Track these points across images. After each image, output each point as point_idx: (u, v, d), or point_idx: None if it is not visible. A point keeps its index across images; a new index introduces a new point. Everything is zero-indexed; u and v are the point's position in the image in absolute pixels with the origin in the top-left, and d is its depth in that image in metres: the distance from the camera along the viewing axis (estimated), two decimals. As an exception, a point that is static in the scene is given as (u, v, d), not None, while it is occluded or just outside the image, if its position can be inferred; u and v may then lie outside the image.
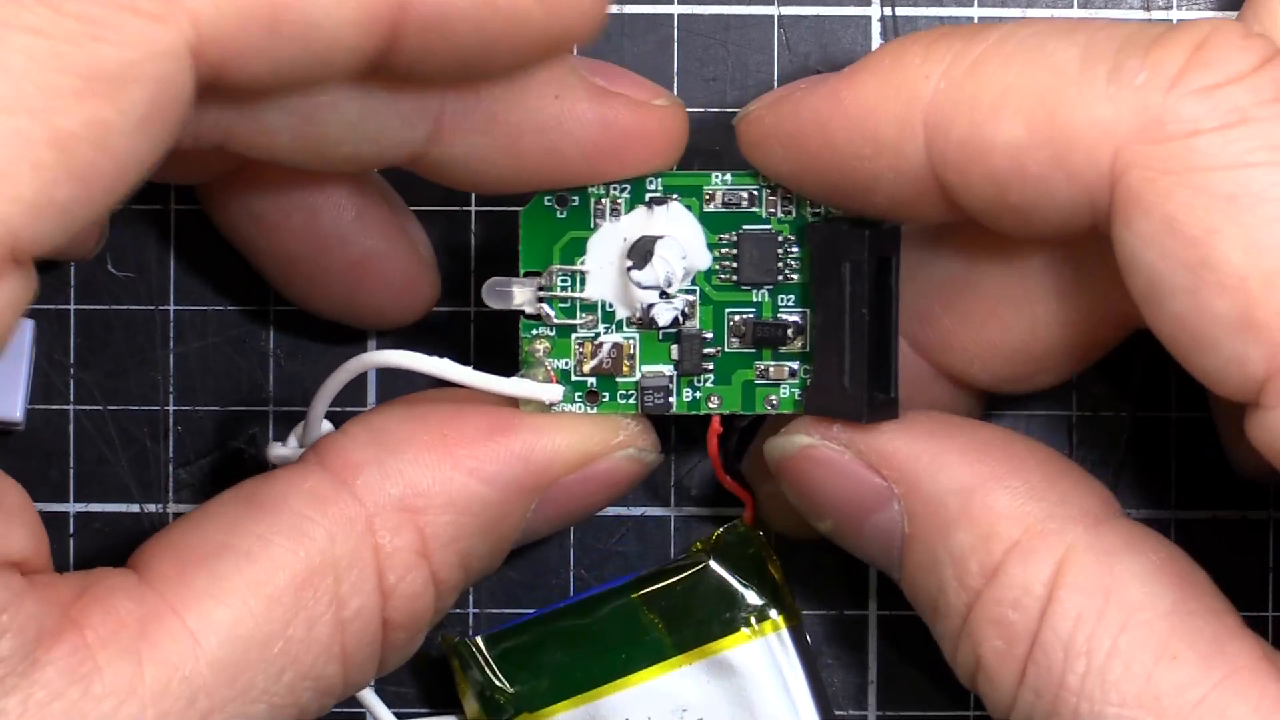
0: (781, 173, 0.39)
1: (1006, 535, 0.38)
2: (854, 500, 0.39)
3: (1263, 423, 0.35)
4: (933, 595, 0.39)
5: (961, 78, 0.37)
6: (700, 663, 0.42)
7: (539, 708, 0.42)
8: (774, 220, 0.40)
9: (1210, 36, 0.35)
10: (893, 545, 0.39)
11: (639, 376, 0.40)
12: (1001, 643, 0.37)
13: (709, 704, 0.42)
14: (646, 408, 0.40)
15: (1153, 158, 0.35)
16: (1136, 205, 0.35)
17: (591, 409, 0.40)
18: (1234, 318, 0.34)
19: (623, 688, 0.42)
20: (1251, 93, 0.34)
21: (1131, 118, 0.35)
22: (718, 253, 0.40)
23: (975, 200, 0.37)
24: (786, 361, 0.40)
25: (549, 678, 0.42)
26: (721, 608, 0.42)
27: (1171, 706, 0.36)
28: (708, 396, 0.41)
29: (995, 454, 0.38)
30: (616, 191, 0.40)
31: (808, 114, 0.38)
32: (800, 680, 0.42)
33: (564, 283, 0.40)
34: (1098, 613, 0.37)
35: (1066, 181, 0.36)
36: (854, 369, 0.39)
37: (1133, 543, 0.38)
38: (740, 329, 0.40)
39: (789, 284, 0.40)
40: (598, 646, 0.42)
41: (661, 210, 0.40)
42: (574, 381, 0.40)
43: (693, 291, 0.40)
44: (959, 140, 0.36)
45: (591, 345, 0.40)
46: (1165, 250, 0.35)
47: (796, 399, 0.40)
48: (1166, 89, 0.35)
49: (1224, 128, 0.34)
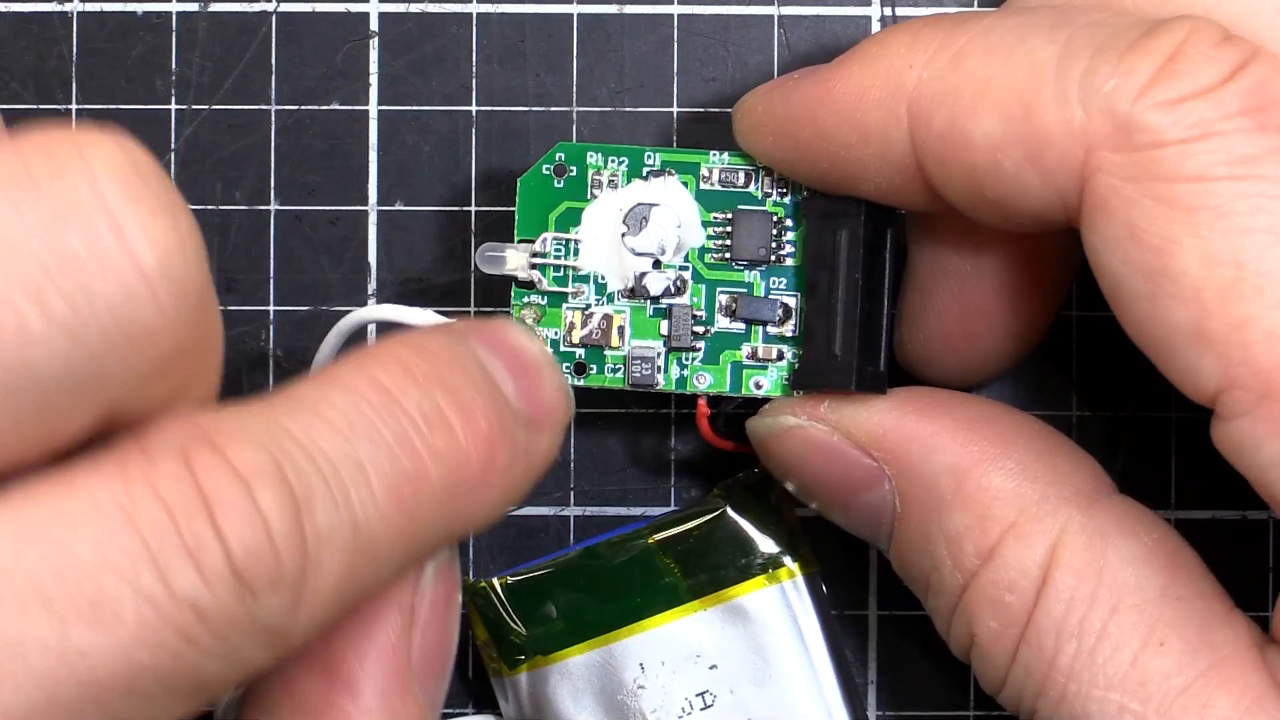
0: (773, 159, 0.40)
1: (1002, 517, 0.38)
2: (843, 481, 0.40)
3: (1221, 433, 0.35)
4: (925, 572, 0.39)
5: (943, 69, 0.37)
6: (715, 608, 0.42)
7: (553, 650, 0.42)
8: (769, 202, 0.41)
9: (1184, 44, 0.35)
10: (881, 522, 0.39)
11: (627, 350, 0.41)
12: (996, 623, 0.38)
13: (723, 650, 0.42)
14: (634, 380, 0.40)
15: (1119, 165, 0.35)
16: (1102, 210, 0.35)
17: (579, 380, 0.41)
18: (1189, 328, 0.35)
19: (637, 632, 0.42)
20: (1216, 107, 0.35)
21: (1100, 123, 0.35)
22: (711, 231, 0.41)
23: (954, 191, 0.37)
24: (775, 344, 0.41)
25: (563, 620, 0.43)
26: (737, 554, 0.43)
27: (1156, 693, 0.36)
28: (695, 375, 0.41)
29: (987, 432, 0.39)
30: (615, 164, 0.40)
31: (798, 102, 0.39)
32: (815, 628, 0.42)
33: (558, 251, 0.41)
34: (1089, 595, 0.37)
35: (1039, 179, 0.36)
36: (845, 336, 0.39)
37: (1125, 523, 0.38)
38: (730, 307, 0.41)
39: (781, 266, 0.40)
40: (613, 590, 0.43)
41: (659, 184, 0.40)
42: (563, 352, 0.41)
43: (686, 268, 0.41)
44: (939, 132, 0.37)
45: (582, 315, 0.41)
46: (1127, 256, 0.35)
47: (784, 383, 0.40)
48: (1134, 98, 0.35)
49: (1187, 141, 0.35)
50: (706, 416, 0.41)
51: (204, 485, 0.30)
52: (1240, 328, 0.34)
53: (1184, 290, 0.35)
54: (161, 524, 0.30)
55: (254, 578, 0.30)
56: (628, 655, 0.42)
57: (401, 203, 0.45)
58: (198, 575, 0.30)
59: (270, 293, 0.45)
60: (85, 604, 0.29)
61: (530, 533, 0.45)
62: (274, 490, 0.30)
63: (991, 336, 0.41)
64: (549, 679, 0.42)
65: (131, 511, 0.30)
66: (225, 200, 0.45)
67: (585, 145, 0.41)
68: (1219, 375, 0.35)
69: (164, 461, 0.30)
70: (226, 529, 0.30)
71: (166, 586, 0.30)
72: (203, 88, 0.45)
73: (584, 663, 0.42)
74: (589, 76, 0.45)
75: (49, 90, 0.45)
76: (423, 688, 0.36)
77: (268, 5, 0.45)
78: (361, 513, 0.31)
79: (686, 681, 0.42)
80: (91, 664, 0.29)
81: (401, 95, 0.45)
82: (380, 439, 0.32)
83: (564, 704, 0.42)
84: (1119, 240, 0.35)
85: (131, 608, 0.30)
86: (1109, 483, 0.39)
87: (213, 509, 0.30)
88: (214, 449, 0.31)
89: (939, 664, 0.44)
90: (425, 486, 0.32)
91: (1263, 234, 0.34)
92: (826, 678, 0.42)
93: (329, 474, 0.31)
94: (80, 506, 0.30)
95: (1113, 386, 0.45)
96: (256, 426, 0.31)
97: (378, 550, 0.32)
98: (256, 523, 0.30)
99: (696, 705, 0.42)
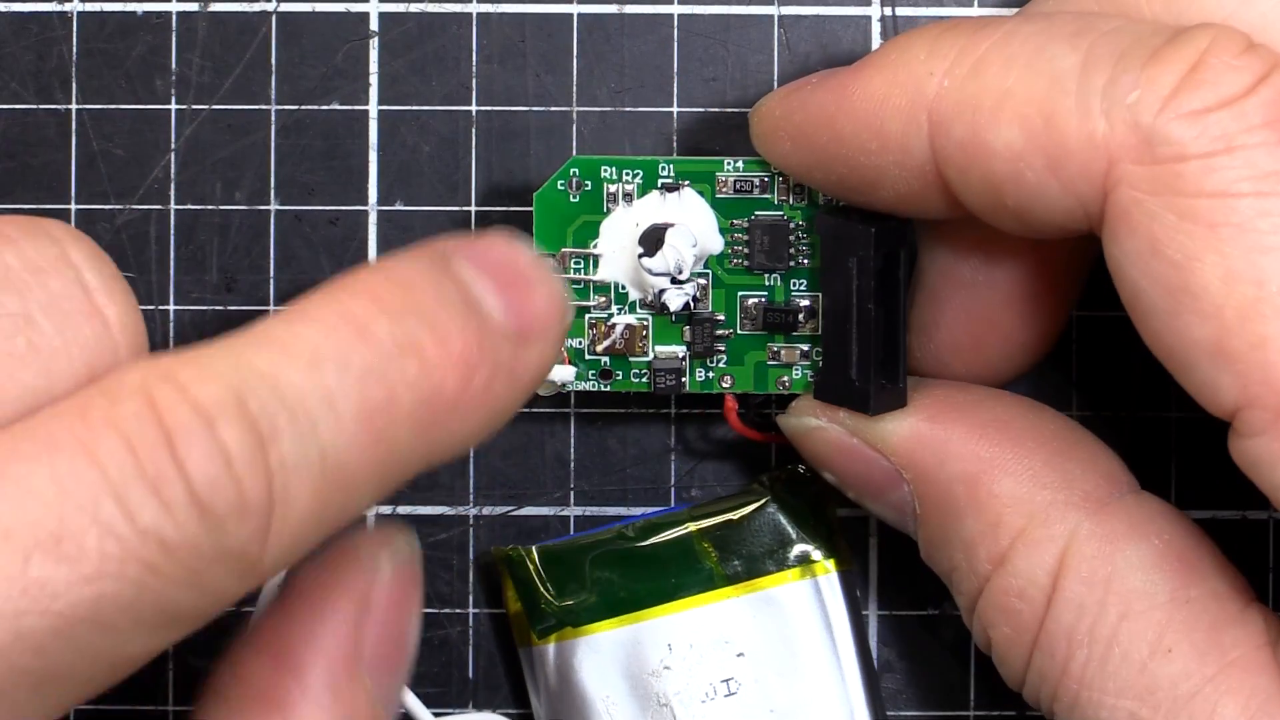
0: (791, 165, 0.40)
1: (1012, 524, 0.38)
2: (866, 479, 0.40)
3: (1239, 448, 0.36)
4: (946, 571, 0.40)
5: (964, 77, 0.37)
6: (747, 596, 0.43)
7: (583, 623, 0.43)
8: (786, 207, 0.41)
9: (1207, 53, 0.35)
10: (907, 517, 0.40)
11: (652, 357, 0.41)
12: (1010, 630, 0.38)
13: (751, 638, 0.42)
14: (659, 389, 0.41)
15: (1141, 178, 0.35)
16: (1124, 223, 0.35)
17: (605, 386, 0.41)
18: (1209, 345, 0.35)
19: (668, 612, 0.43)
20: (1240, 119, 0.35)
21: (1123, 135, 0.35)
22: (730, 238, 0.41)
23: (975, 199, 0.37)
24: (798, 344, 0.41)
25: (597, 594, 0.43)
26: (775, 545, 0.43)
27: (1166, 699, 0.36)
28: (720, 377, 0.41)
29: (999, 436, 0.39)
30: (629, 177, 0.41)
31: (816, 107, 0.38)
32: (845, 625, 0.43)
33: (577, 265, 0.41)
34: (1099, 602, 0.37)
35: (1061, 189, 0.36)
36: (860, 363, 0.39)
37: (1136, 526, 0.38)
38: (752, 312, 0.41)
39: (801, 269, 0.41)
40: (648, 570, 0.43)
41: (674, 196, 0.40)
42: (588, 361, 0.41)
43: (705, 275, 0.41)
44: (959, 140, 0.37)
45: (604, 326, 0.41)
46: (1148, 270, 0.35)
47: (809, 379, 0.41)
48: (1157, 110, 0.35)
49: (1211, 154, 0.34)
50: (735, 411, 0.41)
51: (165, 420, 0.30)
52: (1260, 347, 0.34)
53: (1205, 307, 0.35)
54: (121, 457, 0.30)
55: (217, 508, 0.30)
56: (657, 635, 0.42)
57: (401, 203, 0.45)
58: (160, 506, 0.30)
59: (270, 293, 0.45)
60: (47, 537, 0.30)
61: (530, 533, 0.45)
62: (235, 423, 0.31)
63: (1001, 345, 0.41)
64: (576, 651, 0.43)
65: (92, 447, 0.30)
66: (225, 200, 0.45)
67: (599, 159, 0.41)
68: (1238, 393, 0.35)
69: (126, 401, 0.31)
70: (187, 460, 0.30)
71: (128, 518, 0.30)
72: (202, 88, 0.45)
73: (612, 638, 0.43)
74: (589, 76, 0.45)
75: (49, 90, 0.45)
76: (374, 680, 0.36)
77: (268, 5, 0.45)
78: (330, 441, 0.31)
79: (712, 667, 0.42)
80: (55, 596, 0.30)
81: (401, 95, 0.45)
82: (347, 369, 0.32)
83: (589, 678, 0.43)
84: (1140, 254, 0.35)
85: (94, 539, 0.30)
86: (1125, 479, 0.39)
87: (173, 442, 0.30)
88: (176, 386, 0.31)
89: (939, 664, 0.45)
90: (397, 413, 0.32)
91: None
92: (852, 675, 0.43)
93: (295, 405, 0.31)
94: (39, 446, 0.30)
95: (1113, 386, 0.45)
96: (221, 364, 0.31)
97: (350, 478, 0.32)
98: (217, 454, 0.30)
99: (720, 691, 0.43)
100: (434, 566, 0.45)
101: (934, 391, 0.40)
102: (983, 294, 0.41)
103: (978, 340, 0.41)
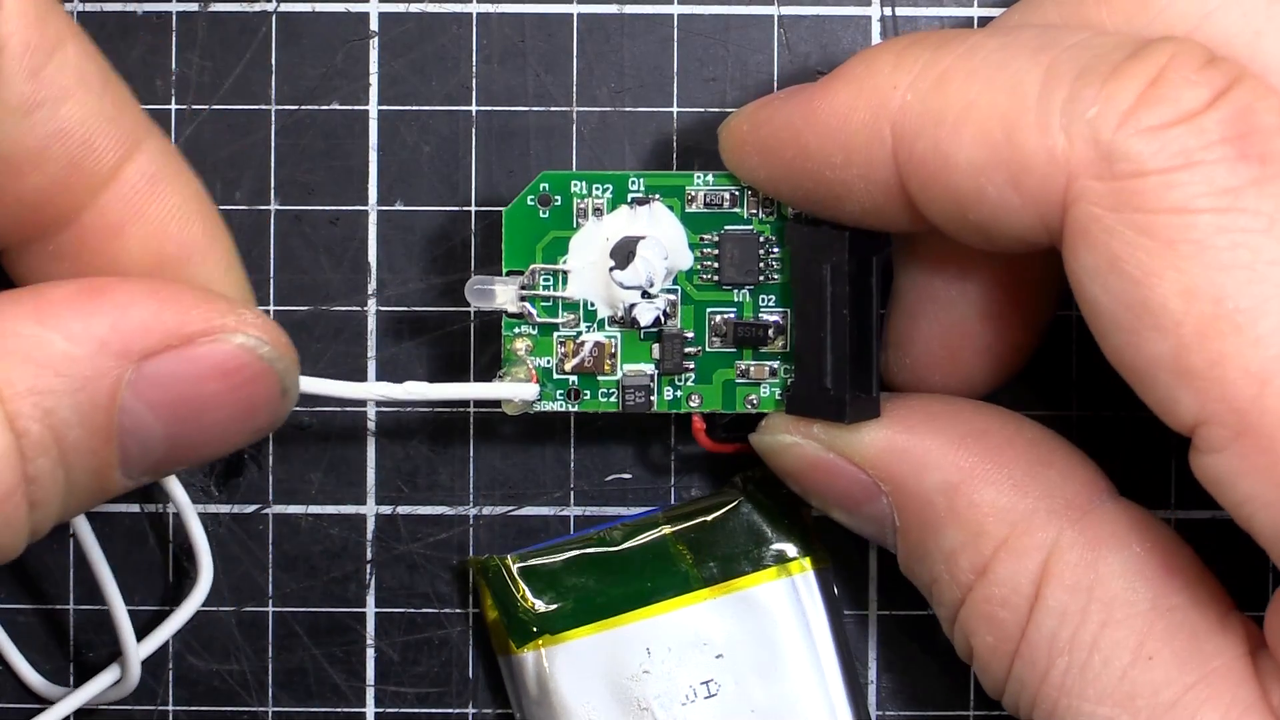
0: (758, 179, 0.40)
1: (994, 533, 0.38)
2: (843, 494, 0.40)
3: (1199, 464, 0.35)
4: (926, 582, 0.39)
5: (927, 91, 0.36)
6: (725, 597, 0.43)
7: (561, 630, 0.43)
8: (755, 221, 0.41)
9: (1166, 68, 0.35)
10: (886, 531, 0.40)
11: (620, 375, 0.41)
12: (992, 638, 0.38)
13: (730, 639, 0.42)
14: (628, 406, 0.41)
15: (1100, 194, 0.35)
16: (1083, 238, 0.35)
17: (573, 406, 0.41)
18: (1168, 362, 0.34)
19: (645, 616, 0.43)
20: (1198, 135, 0.34)
21: (1083, 151, 0.35)
22: (699, 253, 0.41)
23: (938, 213, 0.37)
24: (767, 361, 0.41)
25: (574, 601, 0.43)
26: (751, 545, 0.43)
27: (1146, 706, 0.36)
28: (688, 395, 0.41)
29: (978, 446, 0.39)
30: (599, 192, 0.40)
31: (782, 122, 0.38)
32: (823, 622, 0.43)
33: (546, 282, 0.41)
34: (1081, 610, 0.37)
35: (1021, 204, 0.36)
36: (835, 370, 0.39)
37: (1118, 533, 0.38)
38: (721, 329, 0.41)
39: (770, 284, 0.40)
40: (624, 574, 0.43)
41: (644, 210, 0.40)
42: (555, 380, 0.41)
43: (674, 291, 0.41)
44: (921, 155, 0.36)
45: (573, 343, 0.41)
46: (1108, 286, 0.35)
47: (777, 398, 0.41)
48: (1116, 126, 0.34)
49: (1169, 170, 0.34)
50: (703, 430, 0.41)
51: None
52: (1218, 364, 0.34)
53: (1164, 323, 0.34)
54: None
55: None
56: (635, 639, 0.43)
57: (401, 203, 0.45)
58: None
59: (270, 293, 0.45)
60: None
61: (530, 532, 0.45)
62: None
63: (976, 359, 0.41)
64: (556, 659, 0.43)
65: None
66: (225, 200, 0.45)
67: (569, 174, 0.41)
68: (1197, 410, 0.35)
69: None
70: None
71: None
72: (202, 88, 0.45)
73: (591, 645, 0.43)
74: (589, 76, 0.45)
75: (49, 91, 0.45)
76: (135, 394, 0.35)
77: (268, 5, 0.45)
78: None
79: (692, 669, 0.42)
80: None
81: (401, 95, 0.45)
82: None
83: (569, 685, 0.43)
84: (1100, 269, 0.35)
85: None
86: (1104, 486, 0.39)
87: None
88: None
89: (939, 664, 0.45)
90: None
91: (1242, 270, 0.34)
92: (832, 673, 0.43)
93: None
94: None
95: (1113, 386, 0.45)
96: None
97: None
98: None
99: (700, 693, 0.43)
100: (434, 566, 0.45)
101: (909, 402, 0.40)
102: (957, 307, 0.40)
103: (953, 353, 0.41)
